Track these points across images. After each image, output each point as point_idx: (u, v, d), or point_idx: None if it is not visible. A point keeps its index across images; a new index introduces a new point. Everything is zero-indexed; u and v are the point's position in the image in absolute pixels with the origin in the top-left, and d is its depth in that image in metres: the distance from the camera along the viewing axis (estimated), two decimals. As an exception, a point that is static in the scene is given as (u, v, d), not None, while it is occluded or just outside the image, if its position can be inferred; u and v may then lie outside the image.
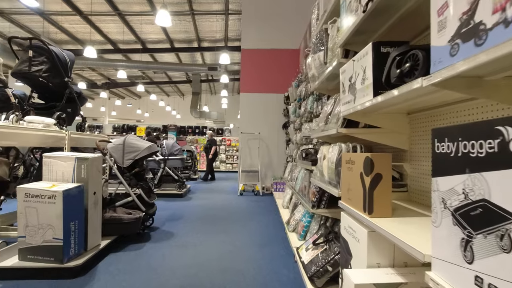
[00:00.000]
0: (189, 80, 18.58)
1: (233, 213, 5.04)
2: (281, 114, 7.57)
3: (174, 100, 22.71)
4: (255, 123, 7.56)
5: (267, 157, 7.56)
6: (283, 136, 7.52)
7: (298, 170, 4.34)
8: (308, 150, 3.62)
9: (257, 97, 7.61)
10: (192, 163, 9.28)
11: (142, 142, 3.80)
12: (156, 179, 6.21)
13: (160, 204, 5.60)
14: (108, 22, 10.87)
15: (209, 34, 12.15)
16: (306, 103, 4.31)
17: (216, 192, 7.29)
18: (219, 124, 19.40)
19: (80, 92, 4.15)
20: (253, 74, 7.64)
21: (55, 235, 2.43)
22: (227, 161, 13.35)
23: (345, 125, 1.99)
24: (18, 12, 9.91)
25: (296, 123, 5.34)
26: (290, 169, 5.58)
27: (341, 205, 1.85)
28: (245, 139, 7.54)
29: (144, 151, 3.72)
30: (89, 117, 21.47)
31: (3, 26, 10.76)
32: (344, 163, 1.83)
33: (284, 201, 5.02)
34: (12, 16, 10.21)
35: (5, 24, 10.58)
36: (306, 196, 3.29)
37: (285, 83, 7.29)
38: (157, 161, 6.18)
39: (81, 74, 16.92)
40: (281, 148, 7.55)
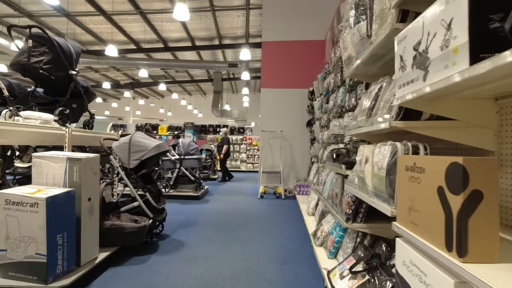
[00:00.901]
0: (210, 79, 18.34)
1: (252, 219, 4.53)
2: (305, 111, 6.97)
3: (196, 99, 22.62)
4: (277, 121, 7.01)
5: (290, 157, 7.00)
6: (307, 135, 6.92)
7: (325, 173, 3.76)
8: (339, 151, 3.04)
9: (279, 93, 7.06)
10: (212, 163, 8.89)
11: (150, 141, 3.38)
12: (172, 179, 5.83)
13: (174, 207, 5.21)
14: (131, 21, 10.78)
15: (230, 31, 11.82)
16: (335, 96, 3.72)
17: (235, 194, 6.83)
18: (240, 123, 19.02)
19: (87, 86, 3.80)
20: (274, 69, 7.09)
21: (38, 250, 2.03)
22: (248, 161, 12.88)
23: (400, 117, 1.42)
24: (46, 15, 10.03)
25: (322, 119, 4.75)
26: (315, 171, 4.99)
27: (397, 228, 1.29)
28: (266, 138, 7.01)
29: (152, 150, 3.29)
30: (114, 117, 21.84)
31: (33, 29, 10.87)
32: (402, 170, 1.26)
33: (309, 207, 4.45)
34: (40, 18, 10.34)
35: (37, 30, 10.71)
36: (337, 205, 2.71)
37: (310, 77, 6.68)
38: (173, 161, 5.79)
39: (106, 74, 17.11)
40: (305, 147, 6.96)
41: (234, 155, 12.95)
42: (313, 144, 6.16)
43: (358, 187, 1.93)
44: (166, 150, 3.53)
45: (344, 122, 3.17)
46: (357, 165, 1.96)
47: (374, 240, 2.33)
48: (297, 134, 7.00)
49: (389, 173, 1.42)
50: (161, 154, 3.56)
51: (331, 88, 4.06)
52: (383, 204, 1.47)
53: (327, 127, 4.46)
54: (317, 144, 5.57)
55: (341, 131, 3.61)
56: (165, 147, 3.45)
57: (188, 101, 21.50)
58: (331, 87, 4.05)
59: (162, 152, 3.46)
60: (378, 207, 1.52)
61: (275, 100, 7.06)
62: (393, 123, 1.41)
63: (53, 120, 3.01)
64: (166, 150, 3.55)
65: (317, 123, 5.49)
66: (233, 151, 12.95)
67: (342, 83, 3.55)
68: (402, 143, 1.41)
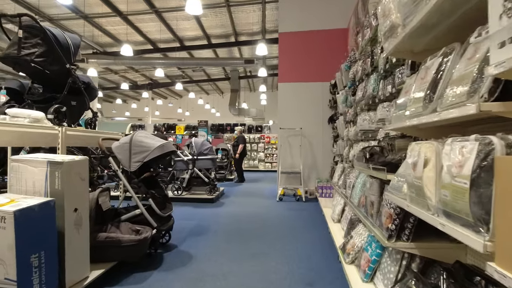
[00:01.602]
0: (227, 77, 18.01)
1: (270, 226, 4.05)
2: (326, 106, 6.40)
3: (214, 98, 22.41)
4: (296, 117, 6.49)
5: (311, 156, 6.46)
6: (329, 132, 6.35)
7: (354, 175, 3.22)
8: (373, 149, 2.50)
9: (298, 87, 6.53)
10: (228, 163, 8.48)
11: (153, 140, 2.98)
12: (185, 181, 5.46)
13: (186, 211, 4.82)
14: (146, 21, 10.62)
15: (246, 27, 11.43)
16: (364, 85, 3.17)
17: (252, 195, 6.37)
18: (258, 121, 18.57)
19: (88, 82, 3.45)
20: (292, 61, 6.56)
21: (7, 275, 1.66)
22: (266, 160, 12.39)
23: (495, 96, 0.90)
24: (65, 18, 10.06)
25: (347, 114, 4.19)
26: (340, 172, 4.44)
27: (498, 275, 0.78)
28: (285, 136, 6.50)
29: (155, 151, 2.89)
30: (134, 117, 22.01)
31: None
32: (507, 179, 0.75)
33: (334, 212, 3.92)
34: (60, 22, 10.37)
35: None
36: (373, 217, 2.18)
37: (331, 69, 6.11)
38: (185, 162, 5.42)
39: (125, 76, 17.17)
40: (327, 145, 6.39)
41: (251, 154, 12.51)
42: (336, 141, 5.59)
43: (409, 198, 1.41)
44: (172, 151, 3.12)
45: (378, 115, 2.62)
46: (406, 168, 1.44)
47: (425, 263, 1.79)
48: (318, 131, 6.44)
49: (476, 184, 0.90)
50: (166, 155, 3.15)
51: (358, 77, 3.51)
52: (465, 231, 0.95)
53: (354, 122, 3.90)
54: (341, 142, 5.01)
55: (372, 126, 3.06)
56: (170, 147, 3.04)
57: (205, 100, 21.32)
58: (358, 76, 3.49)
59: (167, 153, 3.05)
60: (454, 233, 1.00)
61: (293, 95, 6.54)
62: (486, 106, 0.88)
63: (44, 119, 2.67)
64: (172, 151, 3.14)
65: (340, 119, 4.93)
66: (251, 150, 12.51)
67: (373, 70, 3.00)
68: (498, 137, 0.88)
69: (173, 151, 3.15)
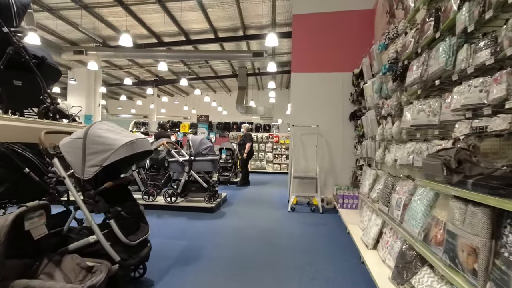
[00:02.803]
0: (235, 74, 17.09)
1: (282, 250, 3.08)
2: (347, 100, 5.39)
3: (221, 96, 21.52)
4: (312, 113, 5.49)
5: (328, 158, 5.45)
6: (350, 130, 5.34)
7: (406, 189, 2.22)
8: (461, 153, 1.49)
9: (314, 78, 5.53)
10: (233, 164, 7.52)
11: (119, 135, 2.04)
12: (179, 187, 4.52)
13: (178, 224, 3.88)
14: (150, 11, 9.77)
15: (255, 20, 10.51)
16: (425, 60, 2.16)
17: (259, 203, 5.39)
18: (266, 120, 17.62)
19: (43, 57, 2.54)
20: (308, 48, 5.57)
21: None
22: (275, 161, 11.36)
23: None
24: (64, 7, 9.30)
25: (385, 106, 3.18)
26: (372, 179, 3.44)
27: None
28: (298, 135, 5.51)
29: (121, 150, 1.95)
30: (140, 115, 21.26)
31: (55, 24, 10.34)
32: None
33: (367, 234, 2.91)
34: (60, 12, 9.62)
35: (57, 22, 10.12)
36: (480, 276, 1.19)
37: (354, 57, 5.10)
38: (181, 163, 4.49)
39: (130, 71, 16.38)
40: (347, 146, 5.38)
41: (259, 154, 11.50)
42: (361, 142, 4.59)
43: None
44: (147, 151, 2.17)
45: (462, 99, 1.62)
46: None
47: None
48: (337, 129, 5.43)
49: None
50: (140, 156, 2.21)
51: (408, 53, 2.50)
52: None
53: (396, 116, 2.90)
54: (369, 142, 4.00)
55: (434, 119, 2.06)
56: (143, 145, 2.10)
57: (212, 98, 20.44)
58: (408, 51, 2.49)
59: (140, 153, 2.11)
60: None
61: (308, 87, 5.54)
62: None
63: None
64: (148, 151, 2.19)
65: (369, 114, 3.92)
66: (258, 150, 11.51)
67: (441, 36, 2.00)
68: None
69: (149, 151, 2.20)
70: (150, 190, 4.55)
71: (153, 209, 4.48)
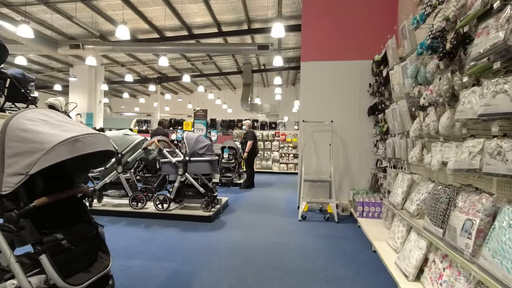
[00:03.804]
0: (240, 71, 16.43)
1: (294, 278, 2.38)
2: (365, 92, 4.66)
3: (225, 94, 20.88)
4: (324, 107, 4.78)
5: (343, 158, 4.73)
6: (369, 126, 4.61)
7: (477, 208, 1.50)
8: None
9: (327, 67, 4.80)
10: (236, 164, 6.84)
11: (56, 129, 1.36)
12: (172, 192, 3.85)
13: (166, 239, 3.20)
14: (150, 4, 9.14)
15: (260, 12, 9.84)
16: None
17: (264, 210, 4.70)
18: (272, 118, 16.95)
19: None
20: (320, 33, 4.84)
21: None
22: (281, 160, 10.62)
23: None
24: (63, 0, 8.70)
25: (426, 94, 2.44)
26: (406, 187, 2.71)
27: None
28: (309, 132, 4.80)
29: (56, 152, 1.27)
30: (143, 113, 20.73)
31: (54, 19, 9.78)
32: None
33: (407, 263, 2.18)
34: (57, 5, 9.04)
35: (55, 16, 9.57)
36: None
37: (373, 42, 4.39)
38: (174, 164, 3.82)
39: (133, 68, 15.82)
40: (365, 144, 4.66)
41: (264, 153, 10.79)
42: (385, 139, 3.86)
43: None
44: (103, 152, 1.50)
45: None
46: None
47: None
48: (353, 125, 4.71)
49: None
50: (96, 158, 1.54)
51: (472, 13, 1.78)
52: None
53: (446, 105, 2.17)
54: (397, 140, 3.27)
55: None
56: (96, 144, 1.42)
57: (217, 96, 19.81)
58: (472, 11, 1.76)
59: (94, 154, 1.44)
60: None
61: (321, 78, 4.82)
62: None
63: None
64: (106, 152, 1.52)
65: (396, 106, 3.19)
66: (264, 148, 10.80)
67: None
68: None
69: (106, 152, 1.52)
70: (139, 196, 3.90)
71: (142, 217, 3.83)
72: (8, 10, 8.96)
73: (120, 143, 3.87)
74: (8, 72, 5.16)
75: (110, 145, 1.54)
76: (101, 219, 3.75)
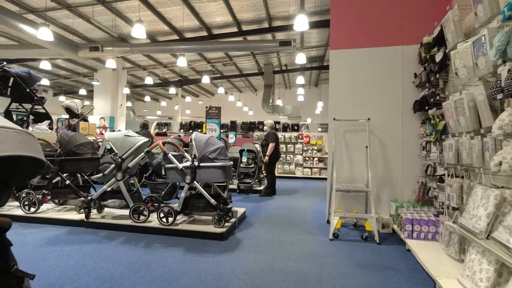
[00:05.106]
0: (261, 72, 15.84)
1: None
2: (409, 84, 3.83)
3: (246, 96, 20.37)
4: (358, 103, 3.99)
5: (382, 164, 3.91)
6: (414, 125, 3.77)
7: None
8: None
9: (361, 56, 4.02)
10: (256, 169, 6.15)
11: None
12: (179, 203, 3.23)
13: (170, 263, 2.55)
14: (169, 4, 8.80)
15: (281, 9, 9.24)
16: None
17: (287, 224, 3.96)
18: (294, 120, 16.17)
19: None
20: (352, 14, 4.07)
21: None
22: (305, 165, 9.80)
23: None
24: (83, 4, 8.61)
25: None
26: (494, 206, 1.88)
27: None
28: (341, 132, 4.03)
29: None
30: (165, 116, 20.65)
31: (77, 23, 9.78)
32: None
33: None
34: (79, 9, 8.95)
35: (77, 21, 9.55)
36: None
37: (419, 20, 3.56)
38: (181, 171, 3.20)
39: (154, 72, 15.69)
40: (409, 147, 3.81)
41: (286, 157, 10.01)
42: (440, 141, 3.01)
43: None
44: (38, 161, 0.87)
45: None
46: None
47: None
48: (393, 124, 3.88)
49: None
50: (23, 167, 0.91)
51: None
52: None
53: None
54: (465, 141, 2.44)
55: None
56: (18, 146, 0.79)
57: (238, 98, 19.35)
58: None
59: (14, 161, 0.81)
60: None
61: (353, 67, 4.04)
62: None
63: None
64: (39, 161, 0.89)
65: (464, 97, 2.37)
66: (286, 151, 10.03)
67: None
68: None
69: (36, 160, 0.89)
70: (141, 207, 3.30)
71: (143, 232, 3.23)
72: (34, 16, 8.97)
73: (120, 145, 3.31)
74: (13, 70, 4.82)
75: (31, 151, 0.90)
76: (97, 233, 3.20)
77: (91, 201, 3.34)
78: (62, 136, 3.57)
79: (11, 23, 7.23)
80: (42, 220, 3.43)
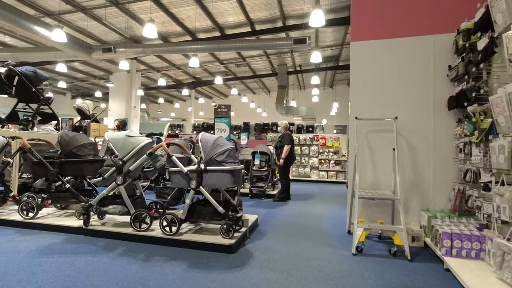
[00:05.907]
0: (274, 73, 15.49)
1: None
2: (442, 78, 3.36)
3: (260, 98, 20.06)
4: (383, 100, 3.56)
5: (410, 168, 3.45)
6: (449, 124, 3.30)
7: None
8: None
9: (386, 47, 3.59)
10: (269, 172, 5.79)
11: None
12: (184, 211, 2.92)
13: (170, 281, 2.23)
14: (181, 4, 8.66)
15: (295, 7, 8.94)
16: None
17: (304, 235, 3.56)
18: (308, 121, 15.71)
19: None
20: (376, 1, 3.65)
21: None
22: (321, 168, 9.33)
23: None
24: (97, 6, 8.62)
25: None
26: None
27: None
28: (363, 133, 3.60)
29: None
30: (179, 118, 20.62)
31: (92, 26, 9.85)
32: None
33: None
34: (93, 11, 8.97)
35: (91, 24, 9.61)
36: None
37: (454, 4, 3.11)
38: (186, 175, 2.88)
39: (167, 74, 15.65)
40: (442, 149, 3.34)
41: (301, 159, 9.60)
42: (486, 142, 2.55)
43: None
44: None
45: None
46: None
47: None
48: (424, 123, 3.42)
49: None
50: None
51: None
52: None
53: None
54: None
55: None
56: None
57: (251, 100, 19.06)
58: None
59: None
60: None
61: (377, 61, 3.61)
62: None
63: None
64: None
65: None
66: (301, 154, 9.60)
67: None
68: None
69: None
70: (143, 214, 3.00)
71: (145, 241, 2.92)
72: (50, 19, 9.02)
73: (121, 147, 3.03)
74: (18, 69, 4.67)
75: None
76: (95, 242, 2.92)
77: (89, 207, 3.08)
78: (62, 136, 3.33)
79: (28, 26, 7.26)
80: (39, 226, 3.20)
